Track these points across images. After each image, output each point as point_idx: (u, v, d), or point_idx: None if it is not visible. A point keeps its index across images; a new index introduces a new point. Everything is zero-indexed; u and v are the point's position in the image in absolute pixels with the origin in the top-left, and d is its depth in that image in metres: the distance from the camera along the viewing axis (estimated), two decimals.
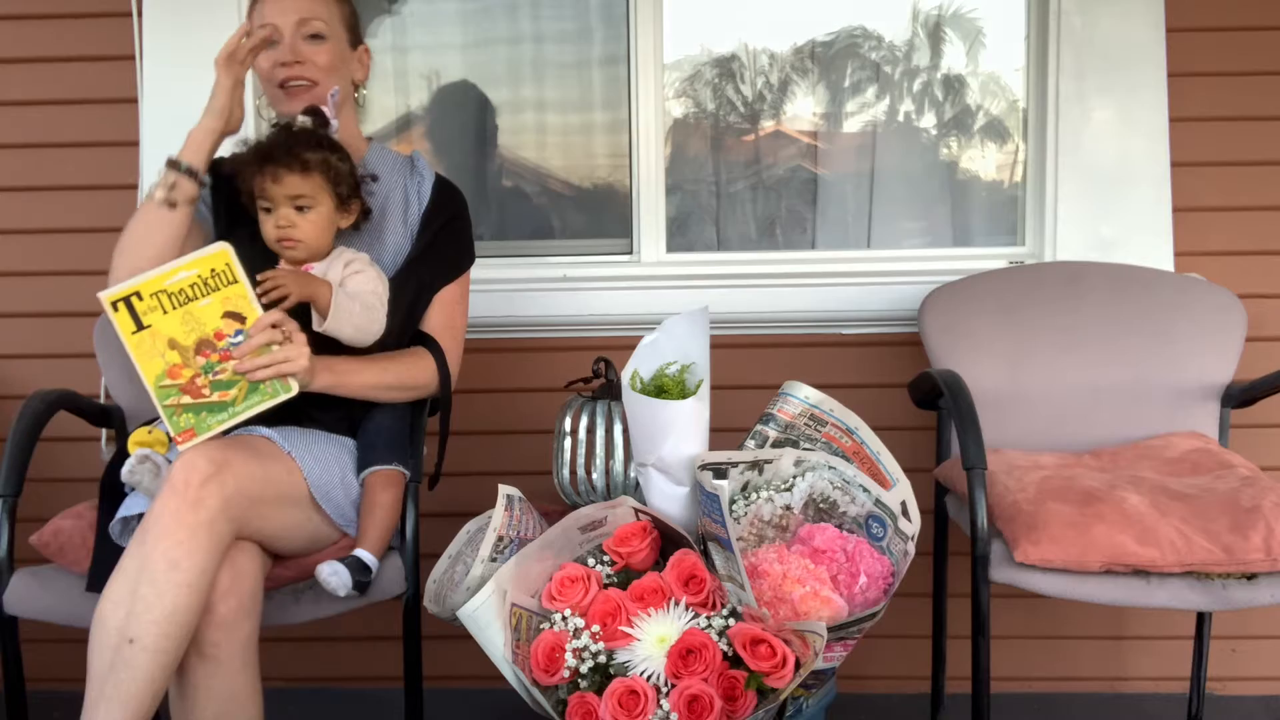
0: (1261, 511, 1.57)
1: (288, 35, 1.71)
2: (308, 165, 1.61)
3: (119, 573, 1.38)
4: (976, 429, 1.67)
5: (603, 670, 1.35)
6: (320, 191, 1.63)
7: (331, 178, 1.64)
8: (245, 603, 1.44)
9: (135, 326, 1.48)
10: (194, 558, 1.37)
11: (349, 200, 1.68)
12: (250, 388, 1.52)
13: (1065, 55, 2.23)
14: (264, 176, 1.61)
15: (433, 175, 1.84)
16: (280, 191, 1.61)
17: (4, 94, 2.31)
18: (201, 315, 1.51)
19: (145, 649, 1.33)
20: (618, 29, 2.40)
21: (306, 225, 1.63)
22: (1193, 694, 2.13)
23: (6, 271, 2.34)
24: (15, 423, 1.65)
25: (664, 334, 1.56)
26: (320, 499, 1.59)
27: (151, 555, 1.36)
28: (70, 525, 1.66)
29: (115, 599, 1.36)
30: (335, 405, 1.67)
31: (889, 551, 1.43)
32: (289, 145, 1.62)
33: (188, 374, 1.50)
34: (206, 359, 1.51)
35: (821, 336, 2.31)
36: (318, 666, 2.39)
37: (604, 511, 1.50)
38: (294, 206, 1.62)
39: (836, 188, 2.49)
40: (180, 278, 1.49)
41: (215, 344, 1.51)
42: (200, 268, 1.50)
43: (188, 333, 1.50)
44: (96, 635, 1.36)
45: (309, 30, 1.73)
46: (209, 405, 1.51)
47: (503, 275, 2.33)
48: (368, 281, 1.67)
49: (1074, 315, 2.08)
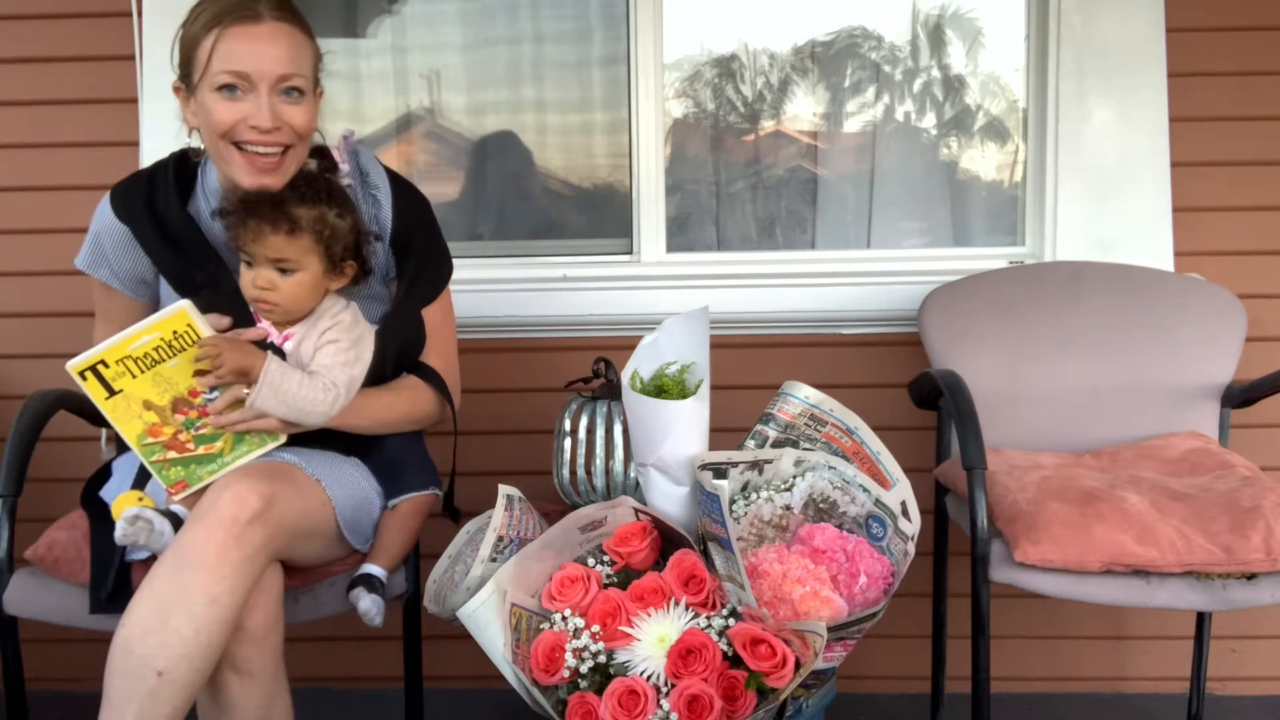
0: (1261, 511, 1.57)
1: (262, 93, 1.44)
2: (296, 225, 1.44)
3: (148, 596, 1.32)
4: (976, 429, 1.67)
5: (603, 670, 1.35)
6: (308, 255, 1.46)
7: (325, 238, 1.46)
8: (272, 615, 1.43)
9: (107, 393, 1.45)
10: (235, 594, 1.34)
11: (343, 261, 1.51)
12: (236, 438, 1.51)
13: (1065, 55, 2.23)
14: (245, 231, 1.44)
15: (387, 181, 1.62)
16: (262, 252, 1.44)
17: (4, 94, 2.31)
18: (172, 375, 1.46)
19: (174, 683, 1.29)
20: (618, 29, 2.40)
21: (287, 289, 1.47)
22: (1193, 694, 2.13)
23: (6, 271, 2.34)
24: (15, 423, 1.65)
25: (664, 334, 1.56)
26: (346, 529, 1.57)
27: (191, 587, 1.31)
28: (65, 537, 1.62)
29: (144, 625, 1.30)
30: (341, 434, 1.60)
31: (889, 551, 1.43)
32: (279, 198, 1.45)
33: (169, 431, 1.48)
34: (185, 416, 1.48)
35: (821, 336, 2.31)
36: (318, 666, 2.39)
37: (604, 511, 1.49)
38: (276, 269, 1.46)
39: (836, 188, 2.48)
40: (143, 342, 1.44)
41: (192, 401, 1.48)
42: (162, 330, 1.44)
43: (161, 393, 1.47)
44: (120, 661, 1.30)
45: (288, 86, 1.47)
46: (197, 458, 1.49)
47: (503, 275, 2.33)
48: (336, 357, 1.50)
49: (1074, 315, 2.08)
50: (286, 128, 1.47)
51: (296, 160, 1.52)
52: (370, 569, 1.58)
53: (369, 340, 1.57)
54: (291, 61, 1.46)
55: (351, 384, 1.53)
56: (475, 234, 2.51)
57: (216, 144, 1.48)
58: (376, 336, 1.59)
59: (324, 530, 1.55)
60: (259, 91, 1.44)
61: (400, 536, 1.62)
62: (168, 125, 2.21)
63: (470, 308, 2.23)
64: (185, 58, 1.49)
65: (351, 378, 1.52)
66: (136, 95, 2.26)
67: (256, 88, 1.44)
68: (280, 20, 1.46)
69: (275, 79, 1.45)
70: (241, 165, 1.47)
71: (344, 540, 1.60)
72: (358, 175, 1.61)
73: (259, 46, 1.43)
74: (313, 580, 1.63)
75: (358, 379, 1.54)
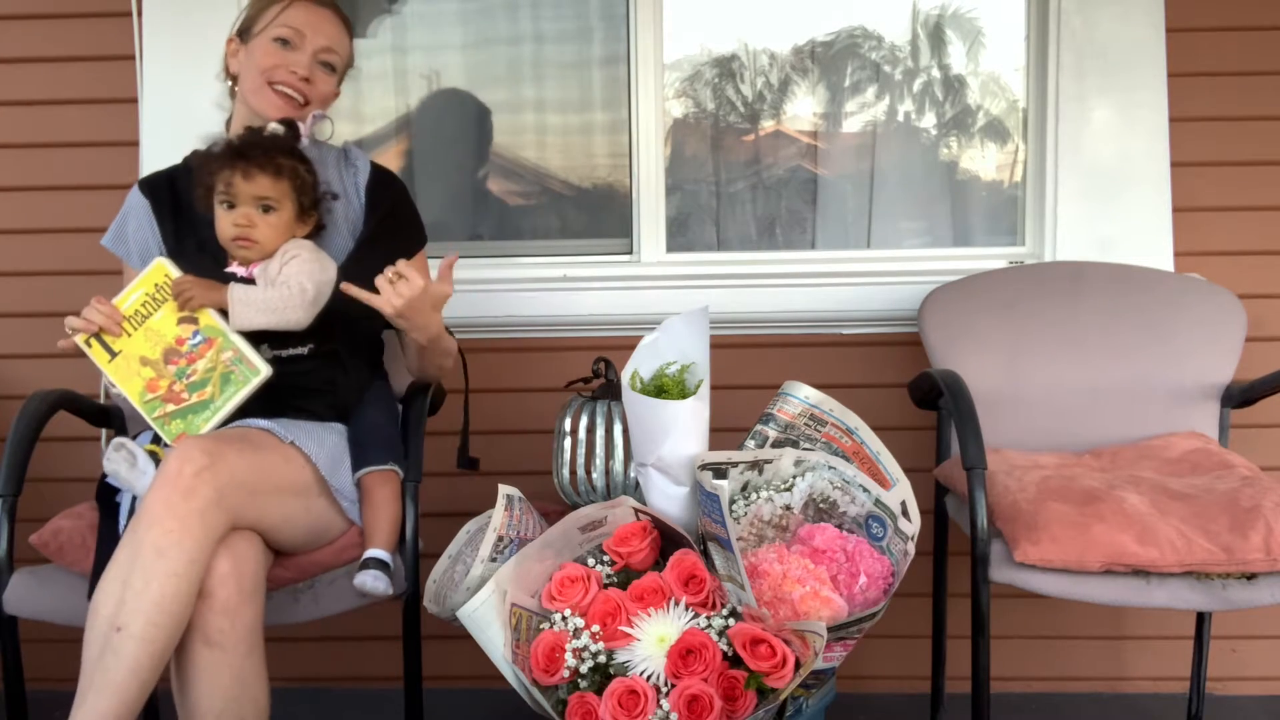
0: (1261, 511, 1.57)
1: (307, 51, 1.74)
2: (280, 169, 1.64)
3: (113, 563, 1.39)
4: (976, 429, 1.67)
5: (603, 670, 1.35)
6: (286, 197, 1.65)
7: (299, 186, 1.66)
8: (246, 586, 1.44)
9: (109, 356, 1.61)
10: (182, 546, 1.37)
11: (309, 211, 1.70)
12: (222, 379, 1.59)
13: (1065, 55, 2.23)
14: (234, 172, 1.62)
15: (368, 166, 1.84)
16: (249, 190, 1.62)
17: (4, 94, 2.31)
18: (160, 328, 1.61)
19: (132, 637, 1.34)
20: (618, 29, 2.40)
21: (265, 227, 1.64)
22: (1193, 694, 2.13)
23: (6, 271, 2.34)
24: (15, 423, 1.65)
25: (664, 334, 1.56)
26: (328, 475, 1.61)
27: (142, 544, 1.37)
28: (70, 525, 1.66)
29: (108, 589, 1.38)
30: (321, 393, 1.69)
31: (889, 551, 1.43)
32: (265, 147, 1.65)
33: (165, 384, 1.60)
34: (177, 365, 1.61)
35: (821, 336, 2.31)
36: (318, 666, 2.39)
37: (604, 511, 1.50)
38: (259, 207, 1.63)
39: (836, 188, 2.49)
40: (132, 300, 1.62)
41: (179, 350, 1.61)
42: (145, 286, 1.62)
43: (153, 347, 1.61)
44: (90, 626, 1.38)
45: (326, 58, 1.77)
46: (192, 407, 1.60)
47: (503, 275, 2.33)
48: (301, 265, 1.64)
49: (1074, 315, 2.08)
50: (314, 87, 1.76)
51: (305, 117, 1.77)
52: (369, 553, 1.60)
53: (329, 262, 1.69)
54: (336, 41, 1.78)
55: (320, 287, 1.64)
56: (475, 234, 2.51)
57: (256, 81, 1.74)
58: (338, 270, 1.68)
59: (294, 487, 1.57)
60: (304, 50, 1.75)
61: (381, 513, 1.64)
62: (168, 125, 2.23)
63: (470, 308, 2.23)
64: (252, 16, 1.77)
65: (319, 282, 1.64)
66: (136, 95, 2.26)
67: (304, 47, 1.74)
68: (338, 14, 1.81)
69: (320, 47, 1.76)
70: (273, 100, 1.74)
71: (328, 501, 1.61)
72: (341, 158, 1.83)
73: (317, 20, 1.76)
74: (310, 573, 1.63)
75: (325, 283, 1.64)
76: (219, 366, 1.60)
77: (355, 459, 1.68)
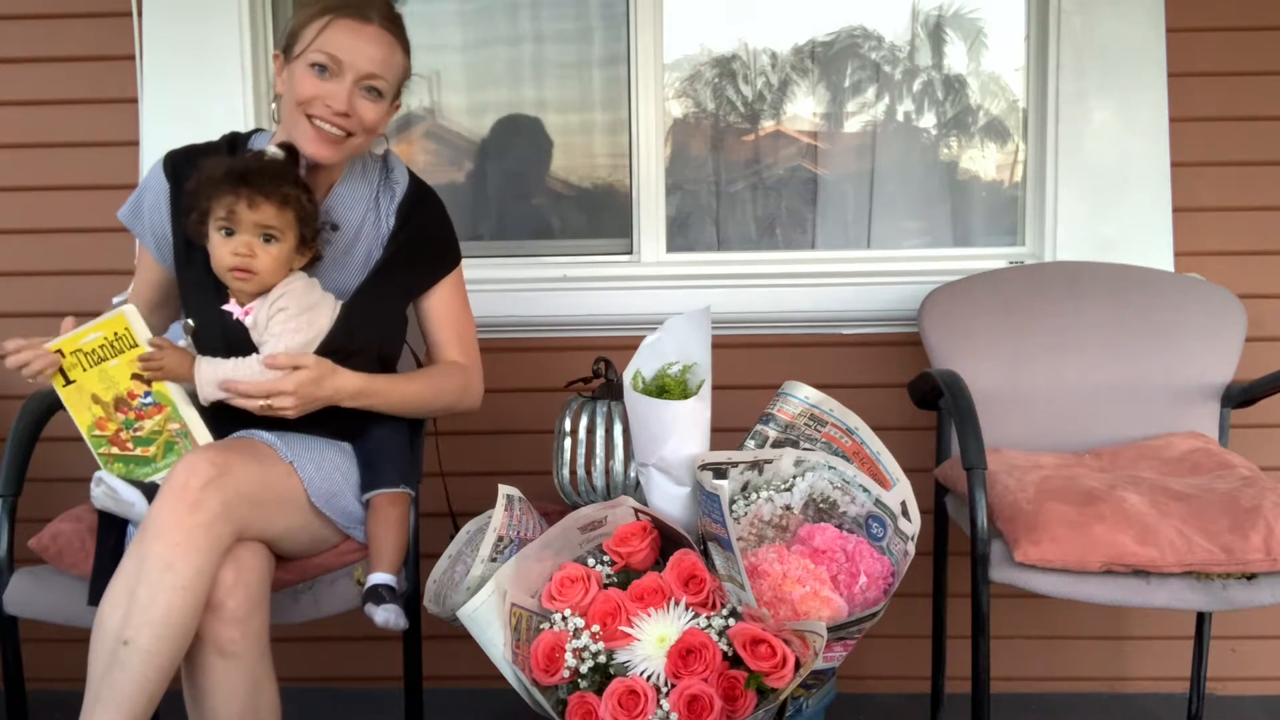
0: (1261, 511, 1.57)
1: (347, 81, 1.58)
2: (287, 199, 1.56)
3: (119, 575, 1.38)
4: (976, 429, 1.67)
5: (603, 670, 1.35)
6: (289, 228, 1.57)
7: (302, 217, 1.58)
8: (254, 594, 1.44)
9: (64, 381, 1.55)
10: (189, 559, 1.36)
11: (309, 243, 1.62)
12: (166, 447, 1.57)
13: (1065, 55, 2.23)
14: (239, 199, 1.54)
15: (406, 179, 1.75)
16: (253, 218, 1.54)
17: (4, 94, 2.31)
18: (114, 375, 1.56)
19: (139, 650, 1.33)
20: (618, 29, 2.40)
21: (267, 258, 1.56)
22: (1193, 694, 2.13)
23: (6, 271, 2.34)
24: (15, 423, 1.65)
25: (666, 334, 1.56)
26: (322, 505, 1.58)
27: (148, 557, 1.36)
28: (69, 528, 1.65)
29: (114, 601, 1.36)
30: (328, 419, 1.62)
31: (889, 551, 1.43)
32: (271, 174, 1.56)
33: (112, 428, 1.56)
34: (125, 416, 1.56)
35: (821, 336, 2.31)
36: (318, 666, 2.39)
37: (604, 511, 1.49)
38: (261, 236, 1.55)
39: (836, 188, 2.49)
40: (91, 338, 1.55)
41: (130, 403, 1.56)
42: (105, 330, 1.55)
43: (106, 389, 1.56)
44: (95, 638, 1.36)
45: (371, 84, 1.60)
46: (135, 458, 1.57)
47: (503, 275, 2.33)
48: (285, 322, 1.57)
49: (1074, 315, 2.08)
50: (356, 118, 1.60)
51: (355, 148, 1.65)
52: (375, 579, 1.58)
53: (323, 308, 1.63)
54: (381, 64, 1.60)
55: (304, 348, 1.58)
56: (475, 234, 2.51)
57: (294, 111, 1.61)
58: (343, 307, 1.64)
59: (294, 501, 1.55)
60: (344, 79, 1.58)
61: (389, 535, 1.61)
62: (168, 125, 2.23)
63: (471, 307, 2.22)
64: (293, 32, 1.62)
65: (301, 343, 1.58)
66: (136, 95, 2.26)
67: (343, 75, 1.58)
68: (385, 29, 1.62)
69: (362, 74, 1.59)
70: (308, 133, 1.60)
71: (325, 519, 1.60)
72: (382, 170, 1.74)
73: (359, 43, 1.58)
74: (310, 574, 1.62)
75: (309, 344, 1.59)
76: (165, 434, 1.56)
77: (365, 479, 1.65)
